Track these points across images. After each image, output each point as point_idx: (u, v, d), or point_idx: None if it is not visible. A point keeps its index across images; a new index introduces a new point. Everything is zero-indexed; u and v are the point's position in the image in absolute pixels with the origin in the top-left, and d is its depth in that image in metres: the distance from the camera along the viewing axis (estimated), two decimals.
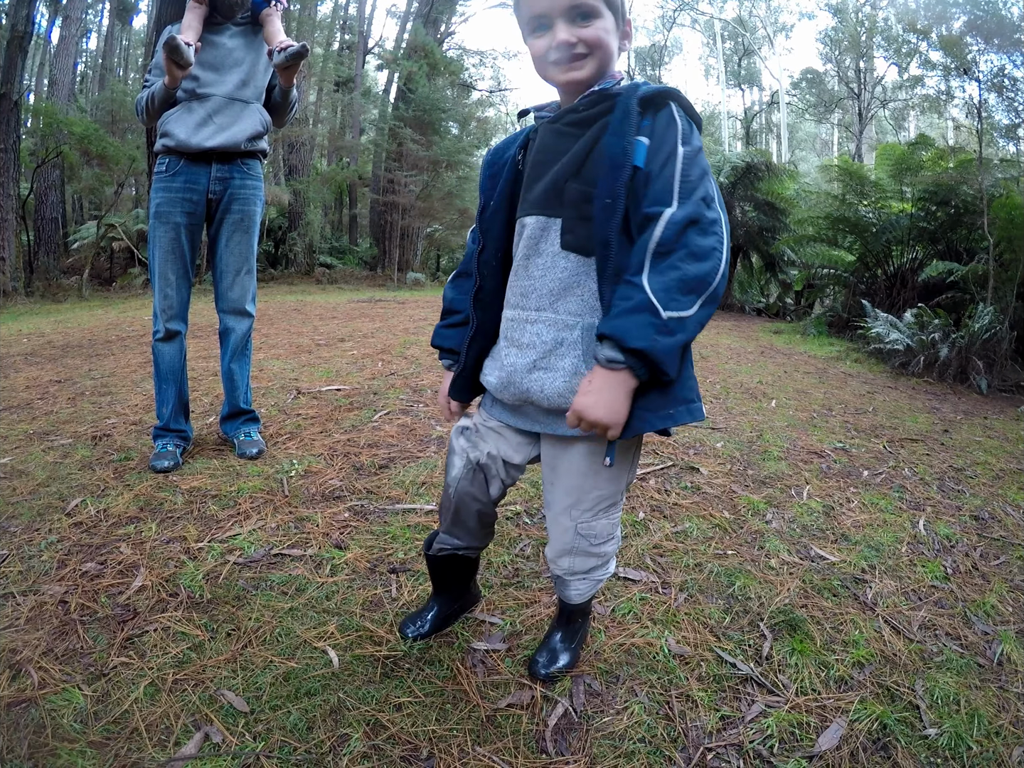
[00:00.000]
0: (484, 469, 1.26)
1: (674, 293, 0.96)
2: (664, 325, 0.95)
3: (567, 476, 1.19)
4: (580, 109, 1.11)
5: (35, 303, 8.87)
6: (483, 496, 1.28)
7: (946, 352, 5.39)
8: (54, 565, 1.66)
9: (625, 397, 1.00)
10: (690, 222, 0.98)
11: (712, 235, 0.99)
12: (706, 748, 1.22)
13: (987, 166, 6.46)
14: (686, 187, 1.00)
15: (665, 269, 0.97)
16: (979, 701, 1.39)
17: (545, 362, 1.11)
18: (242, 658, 1.35)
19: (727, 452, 2.83)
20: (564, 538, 1.24)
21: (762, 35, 27.03)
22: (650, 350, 0.95)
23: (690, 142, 1.04)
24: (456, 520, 1.32)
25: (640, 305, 0.96)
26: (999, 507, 2.53)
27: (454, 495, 1.29)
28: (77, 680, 1.27)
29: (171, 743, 1.14)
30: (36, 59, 18.62)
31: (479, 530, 1.34)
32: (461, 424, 1.30)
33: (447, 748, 1.17)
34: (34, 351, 4.50)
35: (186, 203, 2.37)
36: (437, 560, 1.39)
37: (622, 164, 1.02)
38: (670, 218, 0.98)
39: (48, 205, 12.58)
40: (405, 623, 1.47)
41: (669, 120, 1.05)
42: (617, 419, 1.00)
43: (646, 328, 0.95)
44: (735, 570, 1.83)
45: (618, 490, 1.21)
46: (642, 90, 1.06)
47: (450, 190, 14.78)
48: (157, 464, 2.26)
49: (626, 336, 0.95)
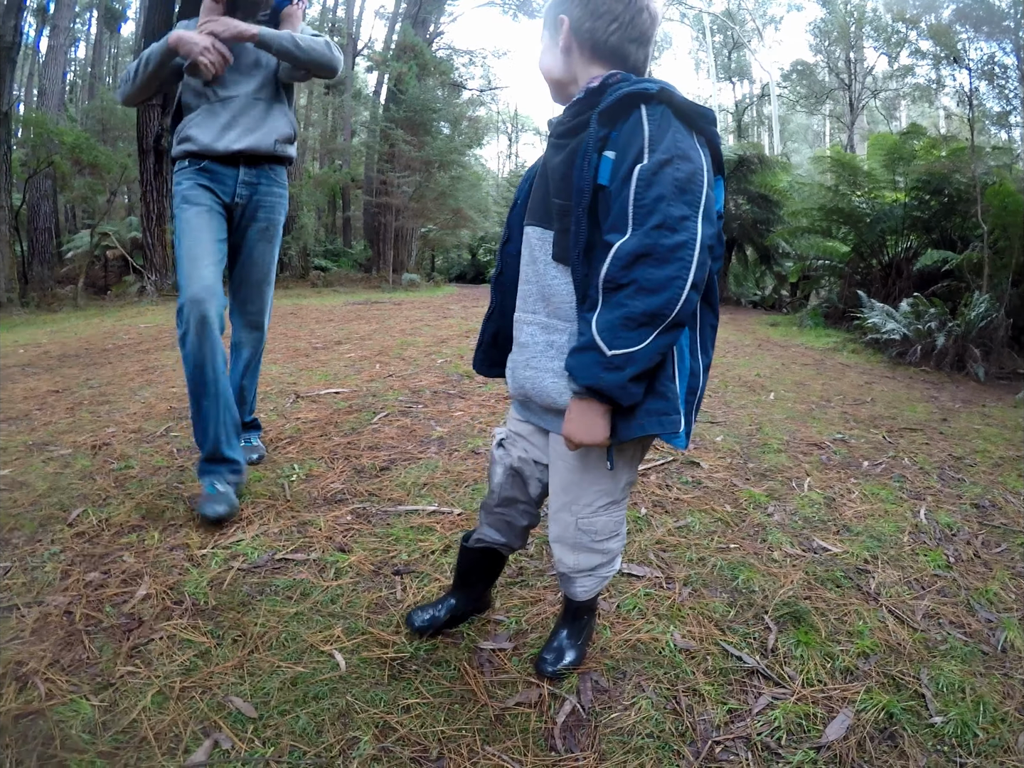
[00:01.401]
0: (520, 472, 1.32)
1: (619, 331, 0.96)
2: (609, 362, 0.97)
3: (564, 472, 1.22)
4: (565, 121, 1.13)
5: (30, 313, 8.84)
6: (524, 496, 1.34)
7: (943, 341, 5.40)
8: (58, 576, 1.65)
9: (599, 419, 1.04)
10: (641, 255, 0.94)
11: (673, 263, 0.94)
12: (714, 741, 1.22)
13: (979, 154, 6.47)
14: (639, 212, 0.96)
15: (613, 306, 0.97)
16: (984, 688, 1.39)
17: (536, 362, 1.17)
18: (249, 664, 1.35)
19: (727, 446, 2.84)
20: (566, 534, 1.26)
21: (751, 28, 27.05)
22: (597, 387, 0.98)
23: (655, 151, 0.97)
24: (501, 518, 1.37)
25: (587, 344, 0.99)
26: (999, 495, 2.53)
27: (498, 498, 1.35)
28: (84, 690, 1.27)
29: (180, 751, 1.15)
30: (25, 69, 18.55)
31: (521, 530, 1.39)
32: (498, 437, 1.37)
33: (456, 748, 1.18)
34: (31, 362, 4.49)
35: (214, 196, 2.16)
36: (472, 552, 1.43)
37: (582, 188, 1.02)
38: (617, 251, 0.96)
39: (41, 215, 12.54)
40: (415, 612, 1.48)
41: (634, 129, 1.00)
42: (598, 438, 1.05)
43: (592, 367, 0.98)
44: (738, 563, 1.83)
45: (616, 487, 1.22)
46: (603, 102, 1.02)
47: (443, 190, 14.74)
48: (208, 510, 1.88)
49: (575, 374, 1.00)
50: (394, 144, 13.90)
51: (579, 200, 1.03)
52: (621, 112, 1.02)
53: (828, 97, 23.43)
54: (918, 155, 7.31)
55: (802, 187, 9.19)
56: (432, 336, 5.19)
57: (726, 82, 28.71)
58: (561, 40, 1.14)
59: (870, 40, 20.01)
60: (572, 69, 1.16)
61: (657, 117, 1.00)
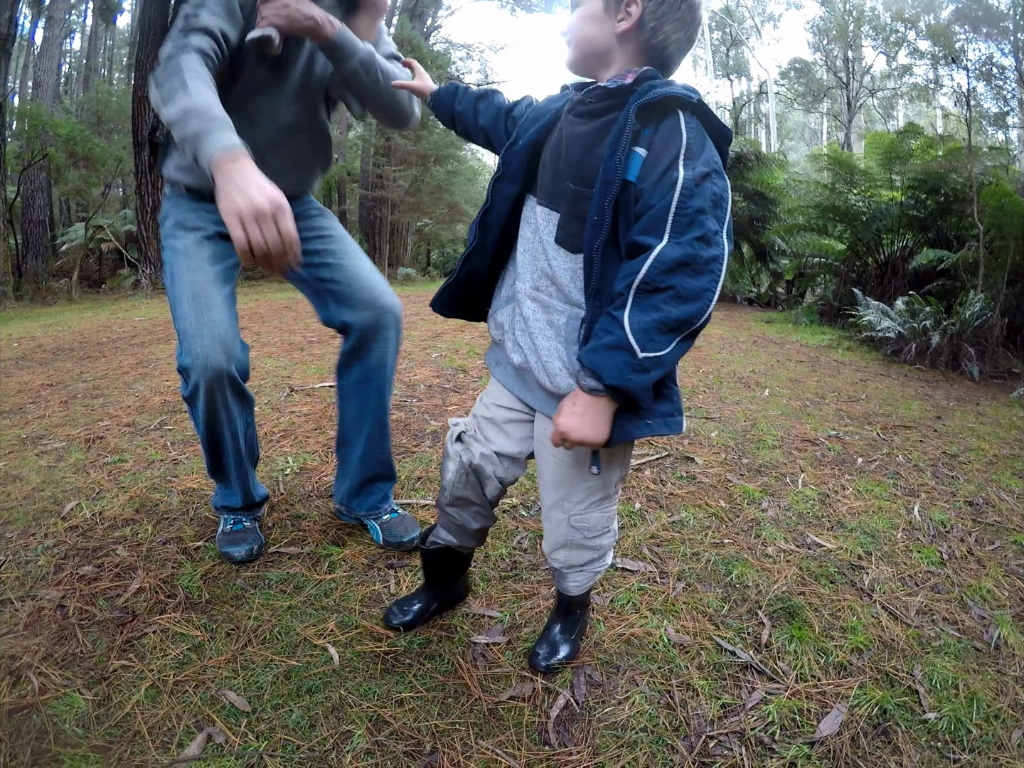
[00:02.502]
0: (477, 471, 1.28)
1: (653, 334, 0.96)
2: (640, 364, 0.96)
3: (556, 468, 1.21)
4: (588, 102, 1.10)
5: (24, 307, 8.80)
6: (478, 498, 1.30)
7: (937, 339, 5.41)
8: (51, 569, 1.65)
9: (607, 418, 1.02)
10: (682, 263, 0.95)
11: (707, 275, 0.96)
12: (708, 736, 1.22)
13: (976, 154, 6.48)
14: (681, 220, 0.95)
15: (647, 308, 0.96)
16: (977, 685, 1.40)
17: (536, 338, 1.14)
18: (242, 657, 1.35)
19: (721, 441, 2.84)
20: (558, 531, 1.25)
21: (750, 25, 27.02)
22: (624, 387, 0.97)
23: (694, 162, 0.97)
24: (452, 520, 1.34)
25: (618, 343, 0.97)
26: (993, 492, 2.55)
27: (450, 497, 1.31)
28: (78, 684, 1.26)
29: (174, 745, 1.14)
30: (20, 61, 18.42)
31: (474, 532, 1.36)
32: (456, 429, 1.32)
33: (450, 742, 1.18)
34: (25, 355, 4.47)
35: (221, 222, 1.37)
36: (430, 553, 1.41)
37: (611, 180, 1.00)
38: (659, 255, 0.95)
39: (35, 208, 12.47)
40: (391, 611, 1.48)
41: (672, 132, 0.99)
42: (601, 438, 1.02)
43: (622, 367, 0.96)
44: (732, 559, 1.83)
45: (609, 483, 1.22)
46: (646, 96, 1.00)
47: (439, 184, 14.71)
48: (234, 552, 1.67)
49: (603, 372, 0.97)
50: (390, 138, 13.87)
51: (606, 191, 1.00)
52: (658, 112, 1.01)
53: (826, 95, 23.45)
54: (915, 154, 7.31)
55: (798, 185, 9.18)
56: (427, 330, 5.18)
57: (724, 79, 28.65)
58: (626, 24, 1.06)
59: (868, 39, 20.04)
60: (615, 54, 1.09)
61: (694, 127, 1.00)
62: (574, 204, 1.07)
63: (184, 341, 1.45)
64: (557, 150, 1.13)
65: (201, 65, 1.32)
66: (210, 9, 1.38)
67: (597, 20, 1.08)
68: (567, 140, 1.11)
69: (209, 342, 1.42)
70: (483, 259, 1.24)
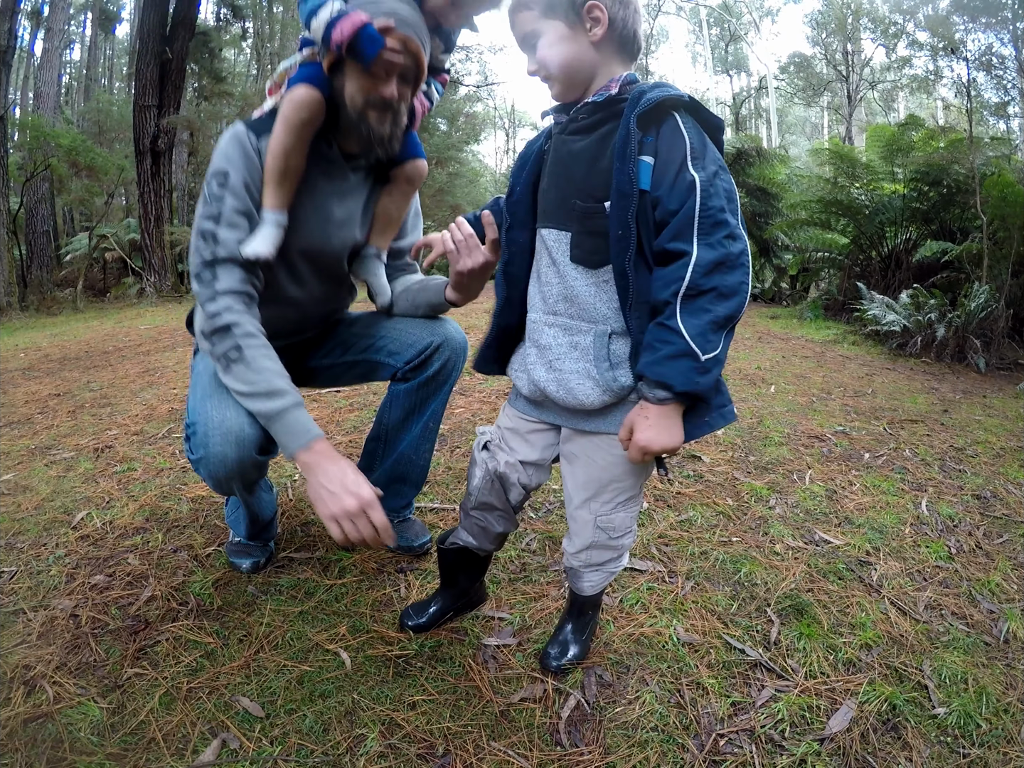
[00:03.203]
0: (502, 479, 1.29)
1: (708, 335, 0.99)
2: (703, 367, 0.99)
3: (586, 468, 1.21)
4: (580, 119, 1.11)
5: (30, 317, 8.85)
6: (501, 504, 1.31)
7: (943, 332, 5.39)
8: (63, 579, 1.66)
9: (679, 421, 1.05)
10: (718, 263, 0.97)
11: (739, 268, 0.99)
12: (718, 734, 1.23)
13: (978, 145, 6.45)
14: (707, 222, 0.98)
15: (697, 311, 0.98)
16: (987, 679, 1.40)
17: (560, 363, 1.15)
18: (255, 663, 1.36)
19: (728, 439, 2.84)
20: (584, 532, 1.26)
21: (748, 20, 26.96)
22: (695, 391, 1.00)
23: (702, 162, 1.00)
24: (475, 522, 1.35)
25: (681, 351, 0.99)
26: (1000, 486, 2.54)
27: (475, 501, 1.33)
28: (92, 693, 1.28)
29: (189, 751, 1.15)
30: (20, 72, 18.53)
31: (495, 536, 1.37)
32: (482, 438, 1.34)
33: (462, 744, 1.18)
34: (32, 365, 4.50)
35: None
36: (448, 553, 1.42)
37: (628, 193, 1.01)
38: (697, 260, 0.97)
39: (39, 218, 12.57)
40: (406, 613, 1.49)
41: (673, 135, 1.01)
42: (678, 441, 1.05)
43: (690, 373, 0.99)
44: (740, 557, 1.84)
45: (637, 482, 1.23)
46: (640, 105, 1.01)
47: (440, 186, 14.73)
48: (241, 563, 1.70)
49: (673, 382, 0.99)
50: None
51: (626, 205, 1.01)
52: (655, 117, 1.02)
53: (826, 89, 23.39)
54: (916, 146, 7.28)
55: (800, 179, 9.15)
56: None
57: (723, 75, 28.63)
58: (599, 30, 1.06)
59: (867, 31, 19.98)
60: (599, 64, 1.09)
61: (691, 126, 1.03)
62: (585, 221, 1.09)
63: (194, 417, 1.38)
64: (557, 172, 1.14)
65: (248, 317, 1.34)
66: (228, 222, 1.35)
67: (569, 39, 1.08)
68: (566, 160, 1.12)
69: (222, 433, 1.34)
70: (513, 311, 1.26)
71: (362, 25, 1.25)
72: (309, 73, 1.35)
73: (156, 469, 2.35)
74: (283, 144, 1.35)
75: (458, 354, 1.65)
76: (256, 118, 1.42)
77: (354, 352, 1.69)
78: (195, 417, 1.37)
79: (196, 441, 1.36)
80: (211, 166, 1.36)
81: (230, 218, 1.34)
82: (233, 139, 1.36)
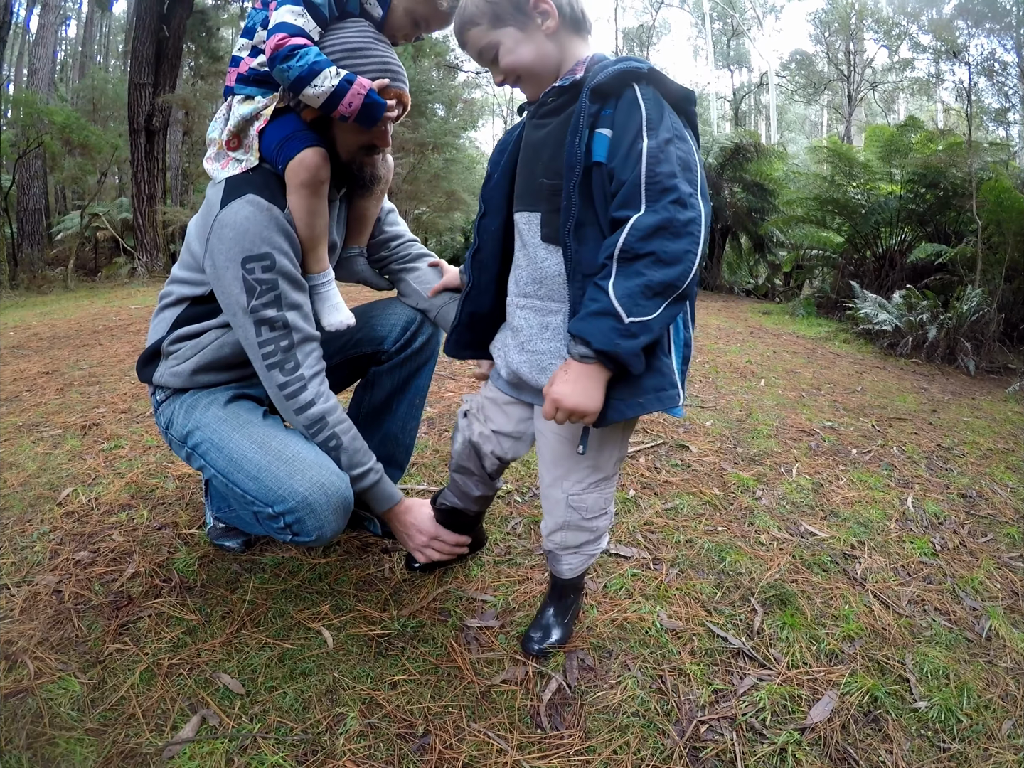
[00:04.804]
0: (476, 447, 1.36)
1: (638, 299, 0.97)
2: (627, 329, 0.97)
3: (555, 446, 1.23)
4: (547, 102, 1.12)
5: (20, 295, 8.77)
6: (477, 470, 1.38)
7: (934, 333, 5.41)
8: (47, 555, 1.65)
9: (600, 385, 1.03)
10: (659, 227, 0.96)
11: (686, 236, 0.96)
12: (699, 721, 1.23)
13: (976, 149, 6.45)
14: (654, 188, 0.97)
15: (630, 274, 0.97)
16: (968, 675, 1.41)
17: (532, 345, 1.18)
18: (237, 640, 1.36)
19: (717, 430, 2.85)
20: (556, 511, 1.27)
21: (751, 16, 26.90)
22: (613, 352, 0.98)
23: (657, 131, 0.99)
24: (457, 485, 1.44)
25: (603, 310, 0.98)
26: (986, 485, 2.55)
27: (455, 464, 1.41)
28: (73, 668, 1.27)
29: (168, 727, 1.15)
30: (15, 48, 18.27)
31: (475, 498, 1.45)
32: (464, 406, 1.41)
33: (442, 725, 1.18)
34: (21, 343, 4.46)
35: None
36: (440, 513, 1.51)
37: (574, 165, 1.02)
38: (635, 223, 0.97)
39: (31, 196, 12.42)
40: (410, 558, 1.60)
41: (630, 107, 1.01)
42: (594, 405, 1.02)
43: (609, 333, 0.97)
44: (726, 546, 1.84)
45: (607, 464, 1.23)
46: (597, 79, 1.01)
47: (437, 172, 14.64)
48: (233, 544, 1.69)
49: (591, 338, 0.98)
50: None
51: (570, 176, 1.03)
52: (613, 89, 1.02)
53: (826, 88, 23.37)
54: (915, 148, 7.29)
55: (798, 176, 9.15)
56: None
57: (724, 70, 28.58)
58: (551, 21, 1.08)
59: (870, 32, 19.94)
60: (559, 53, 1.11)
61: (650, 97, 1.02)
62: (552, 199, 1.09)
63: (275, 490, 1.27)
64: (527, 156, 1.17)
65: (333, 398, 1.39)
66: (291, 304, 1.31)
67: (525, 40, 1.10)
68: (535, 143, 1.14)
69: (311, 474, 1.28)
70: (482, 297, 1.28)
71: (367, 93, 1.26)
72: (306, 135, 1.32)
73: (143, 447, 2.34)
74: (310, 210, 1.33)
75: (440, 331, 1.69)
76: (243, 179, 1.32)
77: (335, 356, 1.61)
78: (289, 502, 1.26)
79: (308, 526, 1.28)
80: (238, 244, 1.27)
81: (292, 300, 1.32)
82: (262, 216, 1.28)
